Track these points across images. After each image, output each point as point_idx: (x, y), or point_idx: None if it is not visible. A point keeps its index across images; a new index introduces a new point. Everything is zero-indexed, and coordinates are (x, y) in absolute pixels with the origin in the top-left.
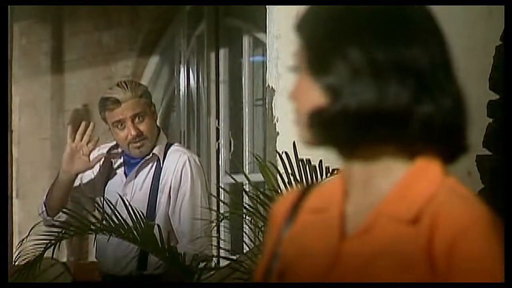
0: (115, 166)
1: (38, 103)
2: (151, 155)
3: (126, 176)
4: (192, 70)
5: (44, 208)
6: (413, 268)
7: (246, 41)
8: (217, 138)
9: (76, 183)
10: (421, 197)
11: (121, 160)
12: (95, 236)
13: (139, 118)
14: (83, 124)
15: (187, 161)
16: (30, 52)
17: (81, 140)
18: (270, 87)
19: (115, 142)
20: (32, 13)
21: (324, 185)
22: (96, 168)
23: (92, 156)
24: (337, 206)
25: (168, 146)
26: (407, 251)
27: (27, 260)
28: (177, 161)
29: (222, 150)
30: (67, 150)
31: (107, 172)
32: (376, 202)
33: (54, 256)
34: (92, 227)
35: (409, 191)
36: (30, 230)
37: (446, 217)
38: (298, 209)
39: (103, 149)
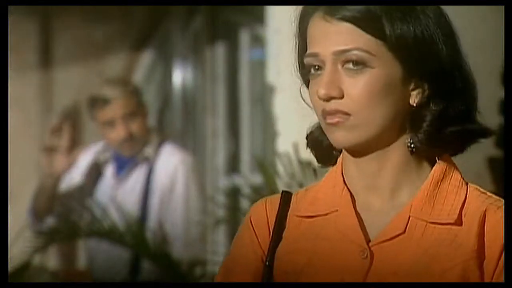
0: (105, 167)
1: (26, 101)
2: (142, 155)
3: (116, 178)
4: (187, 65)
5: (30, 215)
6: (459, 269)
7: (244, 35)
8: (214, 138)
9: (64, 186)
10: (457, 199)
11: (111, 160)
12: (85, 241)
13: (129, 117)
14: (52, 125)
15: (181, 162)
16: (17, 47)
17: (55, 141)
18: (270, 84)
19: (104, 142)
20: (19, 6)
21: (313, 189)
22: (85, 169)
23: (76, 156)
24: (348, 209)
25: (161, 146)
26: (453, 254)
27: (13, 267)
28: (170, 162)
29: (219, 150)
30: (44, 155)
31: (97, 174)
32: (398, 206)
33: (42, 263)
34: (82, 232)
35: (440, 195)
36: (18, 235)
37: (494, 221)
38: (284, 218)
39: (92, 149)
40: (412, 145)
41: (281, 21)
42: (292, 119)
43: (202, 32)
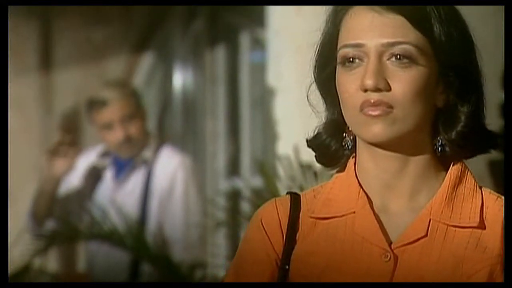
0: (104, 170)
1: (26, 103)
2: (141, 158)
3: (115, 180)
4: (188, 68)
5: (29, 219)
6: (486, 273)
7: (244, 38)
8: (214, 140)
9: (63, 189)
10: (474, 202)
11: (110, 163)
12: (85, 244)
13: (128, 119)
14: (55, 143)
15: (180, 164)
16: (17, 49)
17: (58, 144)
18: (270, 87)
19: (103, 145)
20: (18, 8)
21: (323, 191)
22: (84, 172)
23: (76, 160)
24: (365, 211)
25: (160, 148)
26: (480, 257)
27: (13, 270)
28: (170, 164)
29: (219, 153)
30: (46, 156)
31: (96, 177)
32: (416, 208)
33: (42, 266)
34: (82, 235)
35: (457, 198)
36: (17, 238)
37: None
38: (297, 219)
39: (91, 152)
40: (441, 147)
41: (281, 24)
42: (293, 122)
43: (202, 34)
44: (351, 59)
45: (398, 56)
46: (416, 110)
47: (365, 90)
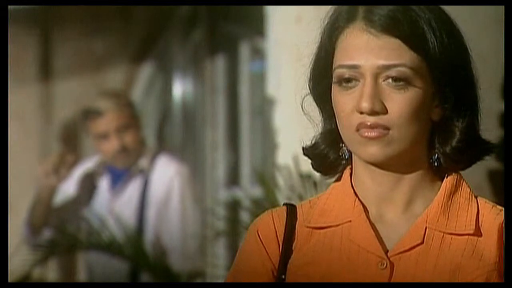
0: (100, 180)
1: (25, 113)
2: (137, 167)
3: (112, 190)
4: (187, 78)
5: (26, 229)
6: (483, 280)
7: (244, 48)
8: (214, 150)
9: (60, 199)
10: (470, 211)
11: (106, 173)
12: (84, 254)
13: (123, 129)
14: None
15: (177, 173)
16: (16, 60)
17: (59, 155)
18: (270, 96)
19: (99, 155)
20: (18, 18)
21: (319, 201)
22: (80, 182)
23: (72, 170)
24: (361, 220)
25: (156, 158)
26: (477, 264)
27: (12, 280)
28: (166, 173)
29: (218, 163)
30: (44, 165)
31: (92, 187)
32: (411, 217)
33: (41, 276)
34: (81, 244)
35: (453, 206)
36: (17, 248)
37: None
38: (293, 230)
39: (86, 162)
40: (437, 161)
41: (281, 33)
42: (292, 132)
43: (202, 44)
44: (347, 79)
45: (394, 78)
46: (412, 129)
47: (361, 112)
